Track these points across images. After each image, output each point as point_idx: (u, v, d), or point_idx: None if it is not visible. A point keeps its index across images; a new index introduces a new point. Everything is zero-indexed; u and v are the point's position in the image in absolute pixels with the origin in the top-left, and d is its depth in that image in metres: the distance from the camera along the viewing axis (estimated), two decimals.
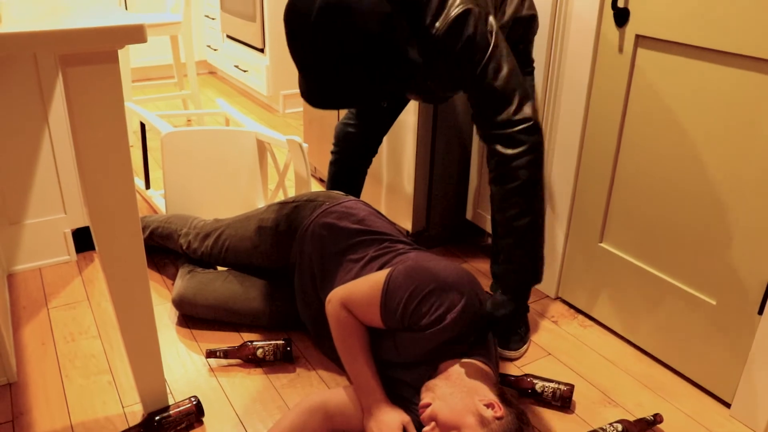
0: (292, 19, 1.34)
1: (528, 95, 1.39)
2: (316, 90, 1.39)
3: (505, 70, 1.38)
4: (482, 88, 1.39)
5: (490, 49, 1.38)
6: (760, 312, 1.55)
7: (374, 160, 2.39)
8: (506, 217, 1.41)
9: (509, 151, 1.37)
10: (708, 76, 1.54)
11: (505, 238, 1.44)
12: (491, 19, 1.40)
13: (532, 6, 1.72)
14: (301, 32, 1.32)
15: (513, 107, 1.37)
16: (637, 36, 1.67)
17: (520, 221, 1.40)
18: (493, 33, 1.39)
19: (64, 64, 1.15)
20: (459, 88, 1.53)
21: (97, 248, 1.35)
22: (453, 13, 1.36)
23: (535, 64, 1.87)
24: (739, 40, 1.45)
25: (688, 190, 1.65)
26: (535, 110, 1.39)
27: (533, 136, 1.37)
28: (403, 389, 1.53)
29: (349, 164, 1.99)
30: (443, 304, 1.43)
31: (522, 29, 1.69)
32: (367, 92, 1.39)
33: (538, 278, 1.45)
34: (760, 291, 1.54)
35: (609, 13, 1.72)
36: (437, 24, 1.38)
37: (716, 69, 1.52)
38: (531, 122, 1.37)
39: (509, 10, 1.63)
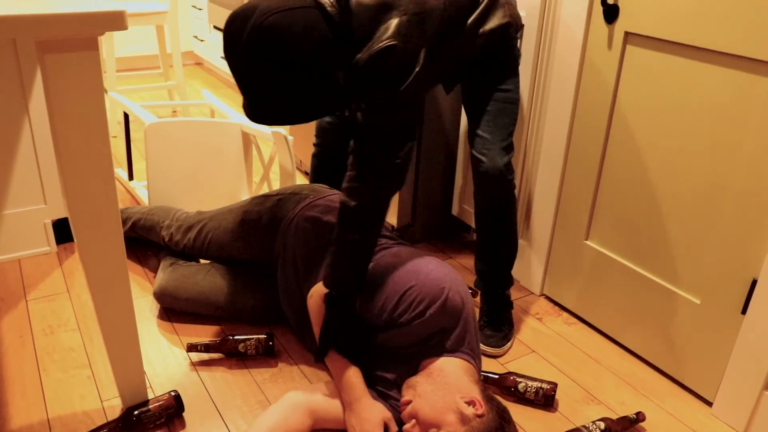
0: (227, 43, 1.35)
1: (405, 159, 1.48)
2: (253, 106, 1.40)
3: (395, 122, 1.42)
4: (368, 127, 1.43)
5: (402, 87, 1.37)
6: (744, 311, 1.55)
7: None
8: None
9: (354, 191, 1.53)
10: (697, 75, 1.54)
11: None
12: (421, 55, 1.38)
13: (505, 15, 1.61)
14: (235, 55, 1.34)
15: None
16: (627, 33, 1.66)
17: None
18: (413, 73, 1.37)
19: (41, 51, 1.13)
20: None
21: (75, 240, 1.33)
22: (376, 47, 1.34)
23: (521, 60, 1.85)
24: (728, 39, 1.45)
25: (674, 189, 1.65)
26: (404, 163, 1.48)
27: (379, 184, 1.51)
28: (385, 386, 1.52)
29: (332, 156, 1.97)
30: (424, 299, 1.42)
31: (496, 36, 1.62)
32: (301, 111, 1.40)
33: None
34: (744, 291, 1.54)
35: (598, 9, 1.71)
36: (359, 55, 1.37)
37: (705, 68, 1.52)
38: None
39: (492, 23, 1.60)
